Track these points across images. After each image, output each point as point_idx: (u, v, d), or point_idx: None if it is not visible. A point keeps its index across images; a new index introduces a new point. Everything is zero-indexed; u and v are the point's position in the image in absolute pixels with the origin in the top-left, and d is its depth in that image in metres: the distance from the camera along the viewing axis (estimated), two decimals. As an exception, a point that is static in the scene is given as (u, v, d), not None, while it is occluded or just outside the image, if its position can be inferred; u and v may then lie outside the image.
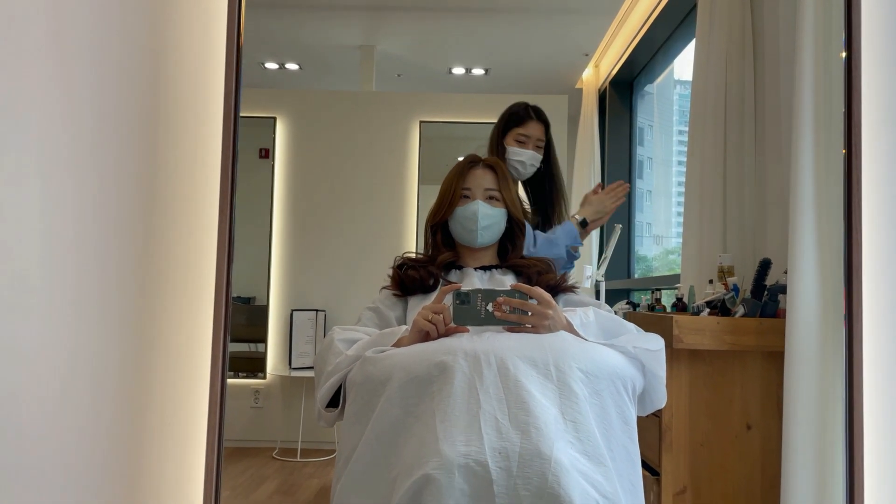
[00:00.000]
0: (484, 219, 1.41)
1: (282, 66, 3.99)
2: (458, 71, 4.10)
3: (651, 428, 1.75)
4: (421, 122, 3.79)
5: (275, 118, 3.78)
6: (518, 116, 1.89)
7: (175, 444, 1.20)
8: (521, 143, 1.87)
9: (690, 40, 3.03)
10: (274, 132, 3.77)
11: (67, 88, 0.95)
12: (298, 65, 4.01)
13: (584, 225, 1.82)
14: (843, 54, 1.28)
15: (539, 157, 1.89)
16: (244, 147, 1.24)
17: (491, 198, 1.43)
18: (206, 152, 1.21)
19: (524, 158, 1.86)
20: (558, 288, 1.40)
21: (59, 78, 0.93)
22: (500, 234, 1.46)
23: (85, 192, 0.98)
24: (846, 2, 1.27)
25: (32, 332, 0.89)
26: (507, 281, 1.39)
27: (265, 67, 3.99)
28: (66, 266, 0.94)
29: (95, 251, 1.01)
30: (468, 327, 1.22)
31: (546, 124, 1.91)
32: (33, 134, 0.89)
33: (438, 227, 1.46)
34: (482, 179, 1.44)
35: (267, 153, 3.77)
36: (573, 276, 1.47)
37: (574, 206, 1.92)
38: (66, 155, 0.94)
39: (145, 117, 1.13)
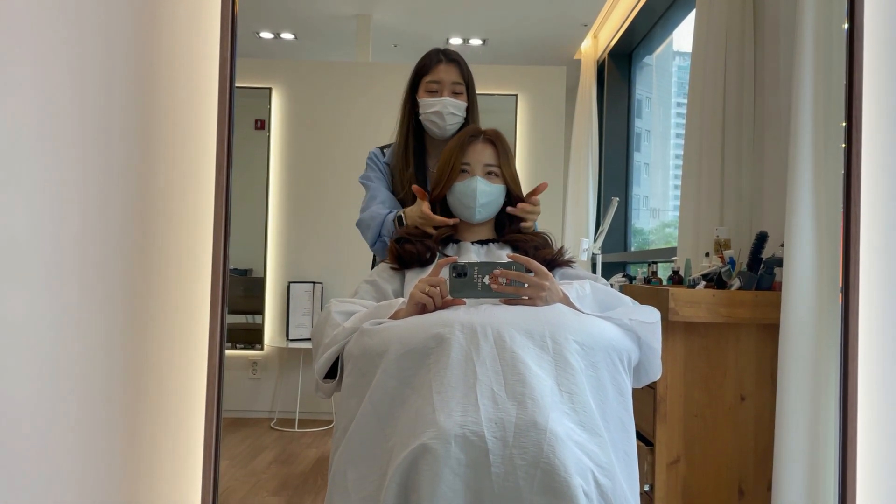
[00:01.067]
0: (482, 196, 1.40)
1: (277, 35, 3.93)
2: (456, 41, 4.05)
3: (646, 399, 1.77)
4: (418, 93, 3.76)
5: (270, 89, 3.74)
6: (424, 64, 1.61)
7: (174, 414, 1.21)
8: (433, 93, 1.58)
9: (690, 11, 2.99)
10: (269, 103, 3.73)
11: (57, 56, 0.93)
12: (294, 34, 3.95)
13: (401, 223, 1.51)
14: (845, 25, 1.26)
15: (461, 103, 1.59)
16: (239, 118, 1.23)
17: (490, 173, 1.42)
18: (201, 124, 1.20)
19: (438, 108, 1.56)
20: (555, 262, 1.40)
21: (50, 47, 0.92)
22: (498, 209, 1.46)
23: (78, 165, 0.98)
24: (849, -29, 1.25)
25: (28, 306, 0.89)
26: (504, 255, 1.39)
27: (260, 37, 3.93)
28: (62, 239, 0.94)
29: (92, 223, 1.00)
30: (465, 300, 1.22)
31: (460, 64, 1.60)
32: (26, 110, 0.88)
33: (437, 201, 1.46)
34: (482, 154, 1.42)
35: (262, 124, 3.74)
36: (570, 250, 1.47)
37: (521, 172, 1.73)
38: (59, 128, 0.93)
39: (138, 89, 1.11)
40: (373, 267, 1.77)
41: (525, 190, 1.49)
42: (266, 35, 3.91)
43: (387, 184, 1.66)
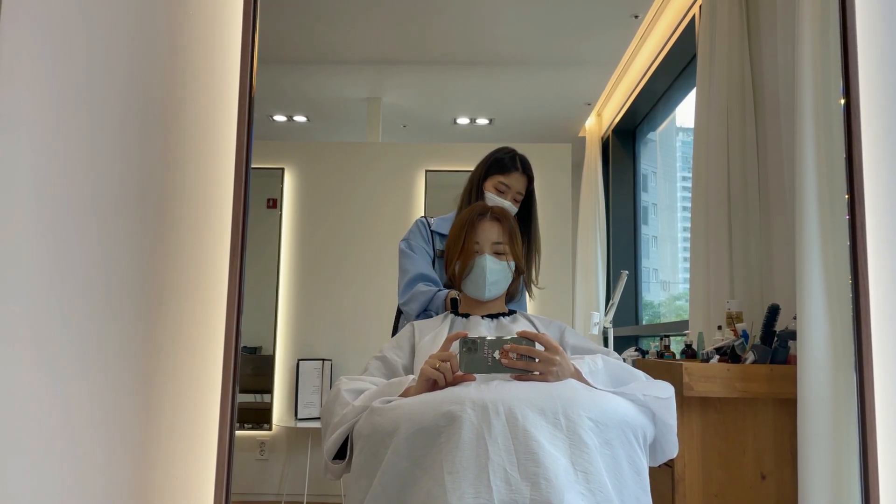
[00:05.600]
0: (492, 274, 1.41)
1: (290, 118, 4.06)
2: (463, 121, 4.16)
3: (663, 478, 1.72)
4: (427, 171, 3.84)
5: (283, 169, 3.84)
6: (502, 164, 1.78)
7: (183, 498, 1.19)
8: (500, 193, 1.76)
9: (691, 89, 3.08)
10: (282, 183, 3.82)
11: (77, 135, 0.97)
12: (306, 117, 4.08)
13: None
14: (842, 101, 1.30)
15: (514, 209, 1.77)
16: (252, 197, 1.25)
17: (498, 252, 1.43)
18: (216, 204, 1.23)
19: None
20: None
21: (68, 121, 0.95)
22: (508, 286, 1.46)
23: (93, 241, 0.99)
24: (843, 49, 1.29)
25: (34, 382, 0.89)
26: (515, 328, 1.39)
27: (274, 120, 4.06)
28: (75, 315, 0.95)
29: (106, 299, 1.02)
30: (475, 375, 1.21)
31: (529, 178, 1.80)
32: (36, 189, 0.91)
33: (449, 278, 1.48)
34: (489, 232, 1.44)
35: (275, 203, 3.81)
36: (579, 325, 1.46)
37: (545, 269, 1.79)
38: (71, 207, 0.96)
39: (158, 169, 1.15)
40: (393, 333, 1.76)
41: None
42: (279, 118, 4.04)
43: (429, 249, 1.73)
